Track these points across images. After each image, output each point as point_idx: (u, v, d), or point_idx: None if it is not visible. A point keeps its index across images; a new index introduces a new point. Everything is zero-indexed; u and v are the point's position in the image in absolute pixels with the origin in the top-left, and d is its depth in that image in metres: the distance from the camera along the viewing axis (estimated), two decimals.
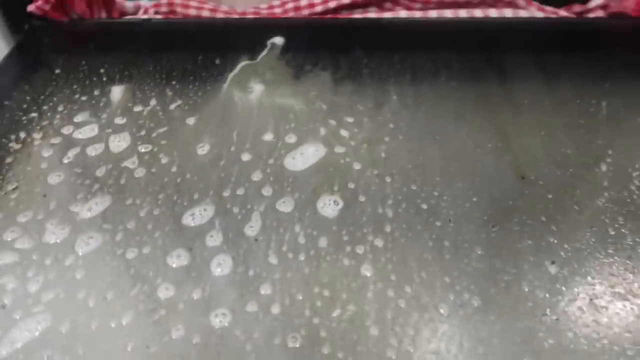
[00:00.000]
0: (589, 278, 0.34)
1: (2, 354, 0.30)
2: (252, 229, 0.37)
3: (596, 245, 0.36)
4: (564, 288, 0.33)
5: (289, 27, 0.59)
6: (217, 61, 0.54)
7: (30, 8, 0.55)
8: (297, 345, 0.31)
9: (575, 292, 0.33)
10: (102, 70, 0.53)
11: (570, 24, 0.61)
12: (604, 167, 0.42)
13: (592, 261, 0.35)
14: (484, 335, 0.31)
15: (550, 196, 0.40)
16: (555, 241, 0.36)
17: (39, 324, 0.31)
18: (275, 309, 0.33)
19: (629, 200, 0.39)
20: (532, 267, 0.35)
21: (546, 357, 0.30)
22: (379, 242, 0.36)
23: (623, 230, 0.37)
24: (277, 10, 0.64)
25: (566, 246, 0.36)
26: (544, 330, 0.31)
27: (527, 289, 0.33)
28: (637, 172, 0.42)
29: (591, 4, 0.64)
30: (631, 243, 0.36)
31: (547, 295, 0.33)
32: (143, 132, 0.46)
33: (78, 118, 0.47)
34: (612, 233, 0.37)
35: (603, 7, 0.62)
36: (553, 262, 0.35)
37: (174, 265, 0.35)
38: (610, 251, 0.36)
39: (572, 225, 0.37)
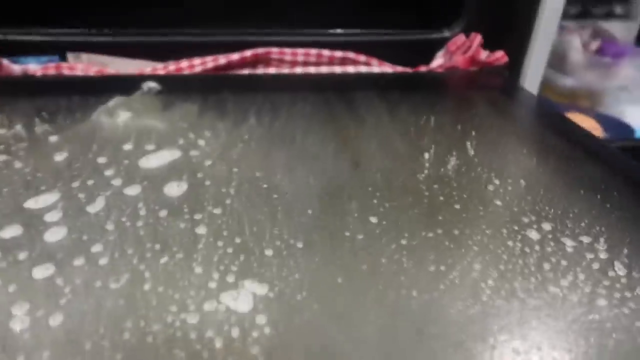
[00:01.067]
0: (402, 226, 0.38)
1: None
2: (94, 207, 0.39)
3: (412, 204, 0.41)
4: (382, 235, 0.37)
5: (166, 77, 0.66)
6: (92, 100, 0.58)
7: None
8: (118, 286, 0.31)
9: (392, 237, 0.36)
10: None
11: (409, 74, 0.72)
12: (426, 156, 0.48)
13: (404, 216, 0.39)
14: (303, 266, 0.33)
15: (378, 175, 0.45)
16: (377, 202, 0.41)
17: None
18: (103, 261, 0.33)
19: (444, 175, 0.45)
20: (355, 221, 0.38)
21: (356, 276, 0.32)
22: (218, 211, 0.39)
23: (437, 193, 0.42)
24: (161, 72, 0.70)
25: (387, 205, 0.40)
26: (360, 261, 0.34)
27: (348, 234, 0.37)
28: (454, 158, 0.48)
29: (433, 64, 0.76)
30: (439, 203, 0.41)
31: (365, 240, 0.36)
32: (2, 147, 0.47)
33: None
34: (427, 194, 0.42)
35: (441, 66, 0.75)
36: (374, 216, 0.39)
37: (6, 237, 0.35)
38: (418, 209, 0.40)
39: (393, 191, 0.42)
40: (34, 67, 0.71)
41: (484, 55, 0.73)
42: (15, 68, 0.70)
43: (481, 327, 0.29)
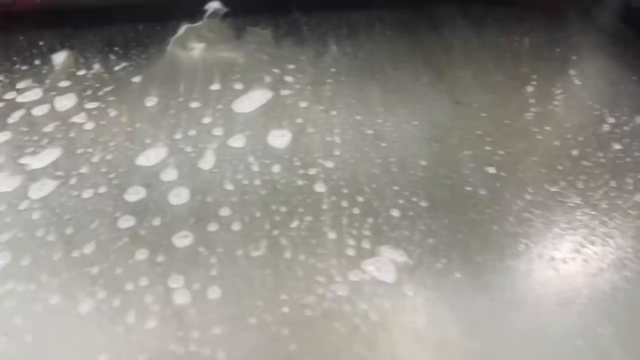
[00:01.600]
0: (523, 178, 0.37)
1: None
2: (205, 163, 0.38)
3: (527, 150, 0.39)
4: (503, 189, 0.36)
5: None
6: (158, 28, 0.54)
7: None
8: (260, 254, 0.32)
9: (513, 191, 0.36)
10: (41, 43, 0.52)
11: None
12: (529, 89, 0.46)
13: (522, 166, 0.38)
14: (434, 228, 0.33)
15: (483, 115, 0.43)
16: (490, 149, 0.39)
17: None
18: (236, 227, 0.34)
19: (554, 113, 0.43)
20: (473, 172, 0.38)
21: (491, 240, 0.33)
22: (330, 164, 0.38)
23: (551, 137, 0.41)
24: None
25: (501, 152, 0.39)
26: (488, 221, 0.34)
27: (469, 189, 0.36)
28: (559, 90, 0.46)
29: None
30: (556, 149, 0.40)
31: (489, 195, 0.36)
32: (89, 92, 0.46)
33: (20, 85, 0.47)
34: (539, 138, 0.40)
35: None
36: (491, 166, 0.38)
37: (132, 200, 0.36)
38: (535, 156, 0.39)
39: (504, 135, 0.41)
40: None
41: None
42: None
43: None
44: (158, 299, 0.29)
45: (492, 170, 0.38)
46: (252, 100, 0.45)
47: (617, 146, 0.40)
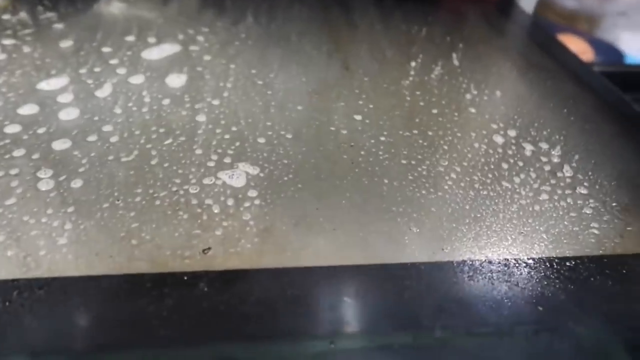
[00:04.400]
0: (383, 125, 0.42)
1: None
2: (102, 93, 0.42)
3: (394, 107, 0.44)
4: (363, 132, 0.41)
5: None
6: None
7: None
8: (129, 159, 0.35)
9: (372, 134, 0.40)
10: None
11: None
12: (413, 64, 0.51)
13: (385, 117, 0.43)
14: (291, 153, 0.38)
15: (366, 79, 0.48)
16: (362, 103, 0.44)
17: None
18: (114, 139, 0.37)
19: (428, 83, 0.48)
20: (341, 118, 0.42)
21: (339, 166, 0.37)
22: (216, 102, 0.42)
23: (418, 99, 0.46)
24: None
25: (371, 106, 0.44)
26: (341, 152, 0.38)
27: (333, 129, 0.41)
28: (439, 67, 0.51)
29: None
30: (419, 108, 0.45)
31: (348, 135, 0.40)
32: (9, 32, 0.49)
33: None
34: (409, 99, 0.46)
35: None
36: (359, 114, 0.43)
37: (24, 113, 0.39)
38: (399, 111, 0.44)
39: (378, 94, 0.46)
40: None
41: None
42: None
43: (437, 210, 0.34)
44: (23, 184, 0.32)
45: (358, 117, 0.42)
46: (161, 51, 0.49)
47: (472, 109, 0.45)
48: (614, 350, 0.27)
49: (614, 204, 0.36)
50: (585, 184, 0.38)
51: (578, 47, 0.96)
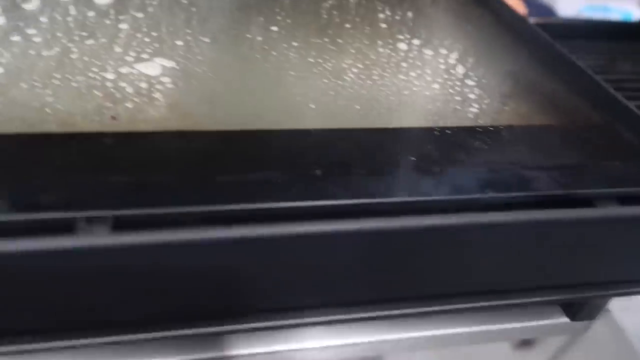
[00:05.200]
0: (297, 36, 0.45)
1: None
2: (29, 5, 0.44)
3: (310, 22, 0.48)
4: (277, 39, 0.44)
5: None
6: None
7: None
8: (50, 54, 0.38)
9: (285, 40, 0.44)
10: None
11: None
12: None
13: (301, 29, 0.46)
14: (208, 53, 0.41)
15: (287, 1, 0.51)
16: (280, 18, 0.47)
17: None
18: (37, 39, 0.40)
19: (346, 6, 0.52)
20: (258, 28, 0.45)
21: (251, 63, 0.40)
22: (140, 15, 0.45)
23: (334, 16, 0.49)
24: None
25: (288, 21, 0.47)
26: (254, 52, 0.42)
27: (249, 36, 0.44)
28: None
29: None
30: (334, 23, 0.48)
31: (263, 41, 0.44)
32: None
33: None
34: (325, 16, 0.49)
35: None
36: (275, 26, 0.46)
37: None
38: (315, 25, 0.48)
39: (297, 12, 0.49)
40: None
41: None
42: None
43: (335, 94, 0.38)
44: None
45: (274, 28, 0.46)
46: None
47: (383, 25, 0.49)
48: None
49: (495, 92, 0.40)
50: (475, 78, 0.42)
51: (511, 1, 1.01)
